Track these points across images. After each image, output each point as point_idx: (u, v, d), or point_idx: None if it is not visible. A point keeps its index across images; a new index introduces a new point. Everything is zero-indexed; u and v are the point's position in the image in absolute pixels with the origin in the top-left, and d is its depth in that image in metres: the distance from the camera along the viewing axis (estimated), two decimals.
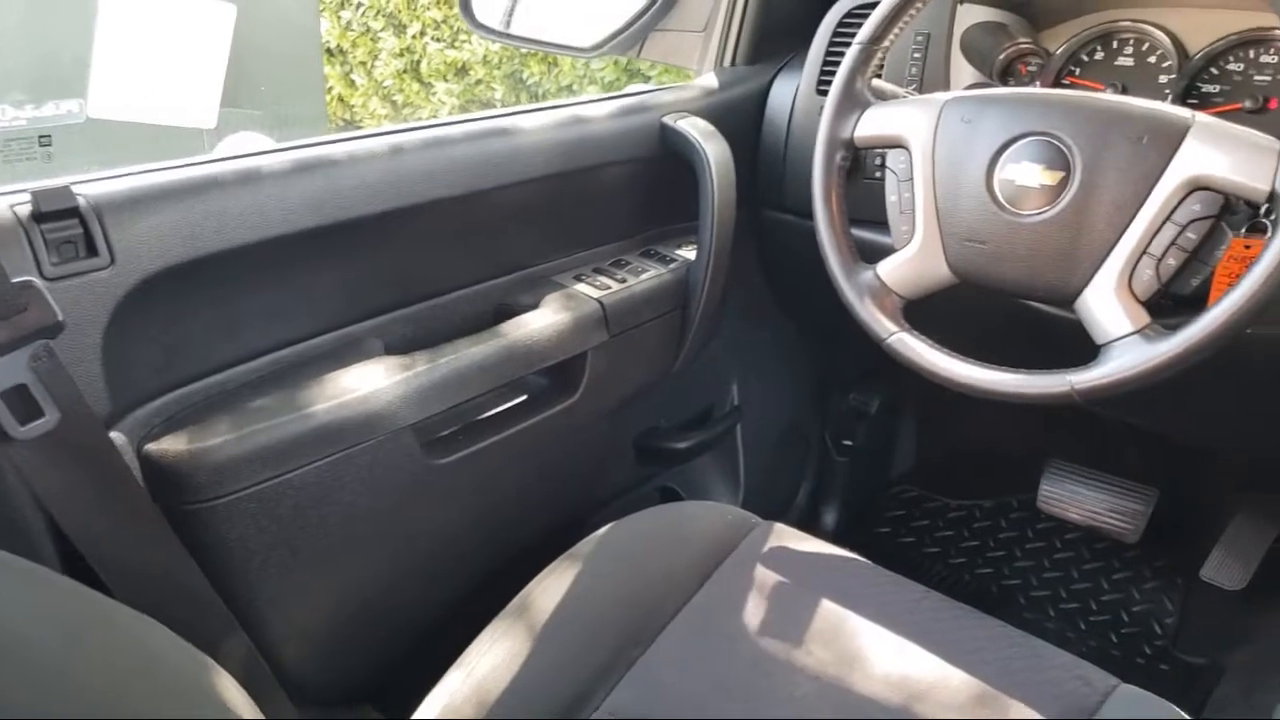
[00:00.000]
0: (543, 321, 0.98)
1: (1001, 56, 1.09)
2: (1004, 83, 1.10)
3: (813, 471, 1.57)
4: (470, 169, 0.93)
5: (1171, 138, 0.75)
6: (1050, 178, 0.80)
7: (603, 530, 0.94)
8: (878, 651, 0.82)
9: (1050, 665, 0.82)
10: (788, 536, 0.95)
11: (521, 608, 0.87)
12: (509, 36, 1.38)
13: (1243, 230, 0.79)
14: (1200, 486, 1.39)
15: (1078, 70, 1.08)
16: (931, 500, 1.62)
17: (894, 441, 1.67)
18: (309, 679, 0.89)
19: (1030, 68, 1.10)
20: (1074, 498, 1.40)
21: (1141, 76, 1.04)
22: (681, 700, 0.79)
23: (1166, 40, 1.02)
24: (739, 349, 1.37)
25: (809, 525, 1.33)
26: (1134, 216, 0.76)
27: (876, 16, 0.88)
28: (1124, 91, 1.04)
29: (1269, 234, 0.71)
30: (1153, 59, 1.03)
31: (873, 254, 0.91)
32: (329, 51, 4.60)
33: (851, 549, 0.94)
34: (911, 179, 0.87)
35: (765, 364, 1.43)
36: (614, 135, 1.08)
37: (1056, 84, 1.08)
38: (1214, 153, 0.74)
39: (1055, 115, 0.81)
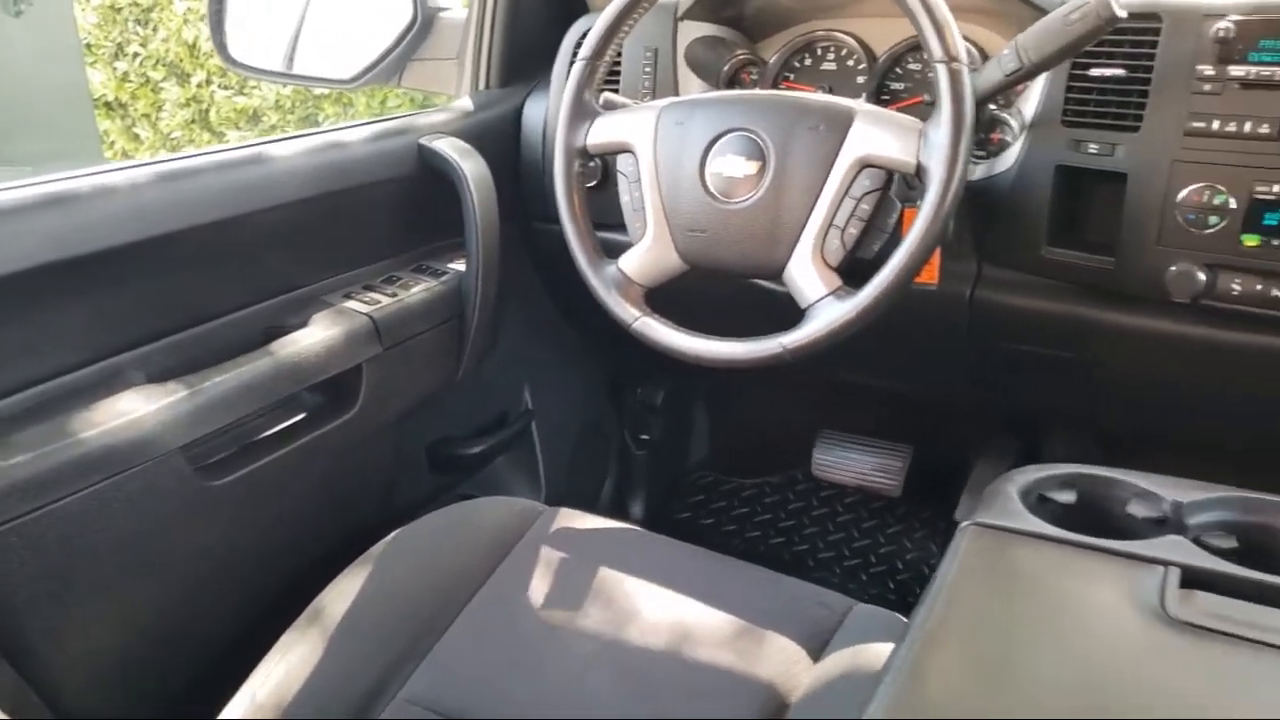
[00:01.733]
0: (312, 339, 1.02)
1: (726, 67, 1.21)
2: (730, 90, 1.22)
3: (614, 467, 1.66)
4: (221, 196, 0.96)
5: (842, 124, 0.88)
6: (750, 168, 0.91)
7: (392, 535, 0.98)
8: (649, 606, 0.90)
9: (797, 597, 0.92)
10: (572, 519, 1.02)
11: (313, 616, 0.90)
12: (267, 73, 1.41)
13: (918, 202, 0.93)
14: (946, 438, 1.56)
15: (792, 76, 1.22)
16: (727, 482, 1.74)
17: (689, 431, 1.78)
18: (95, 710, 0.89)
19: (753, 76, 1.23)
20: (842, 463, 1.54)
21: (843, 78, 1.19)
22: (474, 680, 0.84)
23: (858, 46, 1.17)
24: (529, 355, 1.44)
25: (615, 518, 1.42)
26: (819, 195, 0.88)
27: (594, 35, 0.97)
28: (830, 92, 1.18)
29: (920, 201, 0.83)
30: (850, 62, 1.18)
31: (621, 252, 1.00)
32: (106, 105, 4.40)
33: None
34: (639, 179, 0.97)
35: (556, 367, 1.51)
36: (371, 157, 1.13)
37: (774, 89, 1.21)
38: (874, 135, 0.86)
39: (750, 112, 0.92)
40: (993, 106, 1.07)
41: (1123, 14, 0.83)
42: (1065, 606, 0.61)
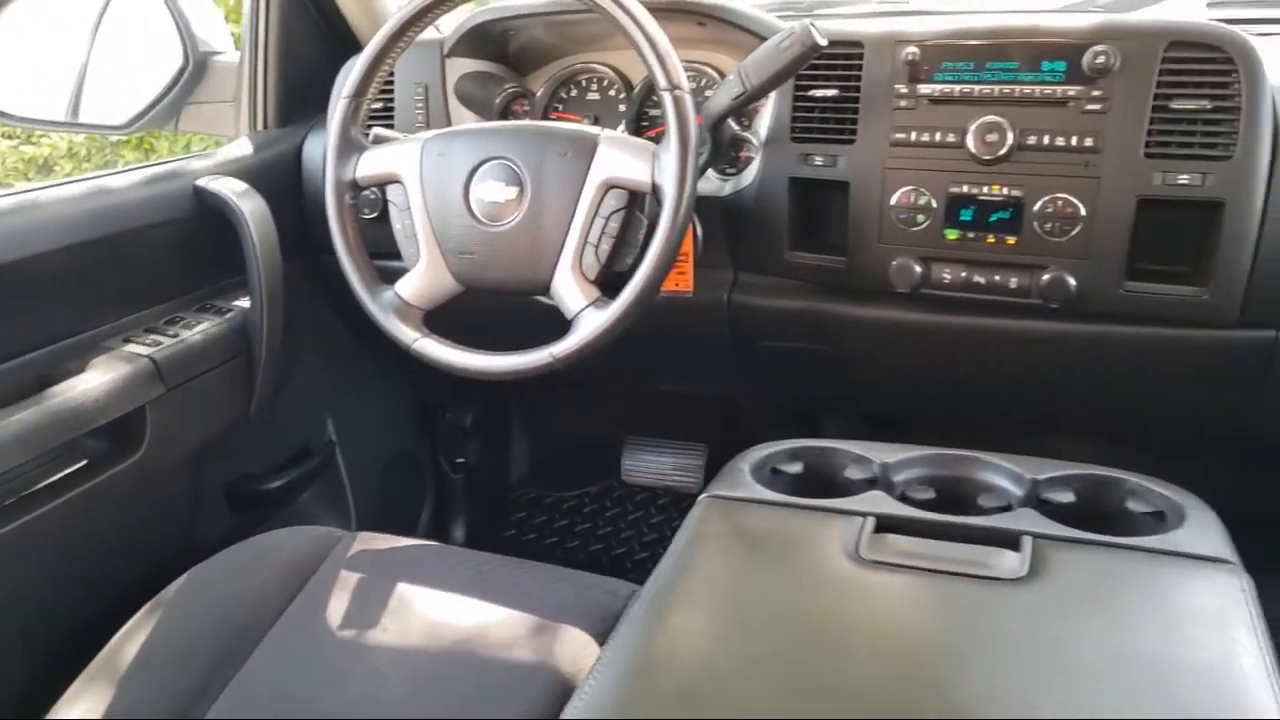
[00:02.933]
0: (89, 383, 1.01)
1: (497, 100, 1.28)
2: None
3: (431, 493, 1.69)
4: None
5: (587, 150, 0.96)
6: (510, 193, 0.98)
7: (186, 575, 0.99)
8: (445, 614, 0.94)
9: (586, 588, 0.99)
10: (371, 541, 1.05)
11: (107, 661, 0.89)
12: (41, 122, 1.38)
13: None
14: (736, 434, 1.67)
15: (561, 106, 1.30)
16: (548, 496, 1.79)
17: (507, 450, 1.83)
18: None
19: (525, 108, 1.30)
20: (647, 466, 1.63)
21: (607, 107, 1.27)
22: (274, 700, 0.86)
23: (616, 77, 1.26)
24: (329, 386, 1.45)
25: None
26: (573, 215, 0.96)
27: (354, 75, 1.02)
28: (596, 121, 1.27)
29: (660, 218, 0.92)
30: (611, 92, 1.27)
31: (399, 278, 1.05)
32: None
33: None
34: (409, 208, 1.02)
35: (359, 397, 1.53)
36: (147, 201, 1.13)
37: (545, 119, 1.29)
38: (615, 158, 0.95)
39: (506, 142, 0.99)
40: (736, 126, 1.18)
41: (823, 41, 0.95)
42: (780, 557, 0.70)
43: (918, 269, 1.05)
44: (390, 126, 1.20)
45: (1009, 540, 0.70)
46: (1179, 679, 0.56)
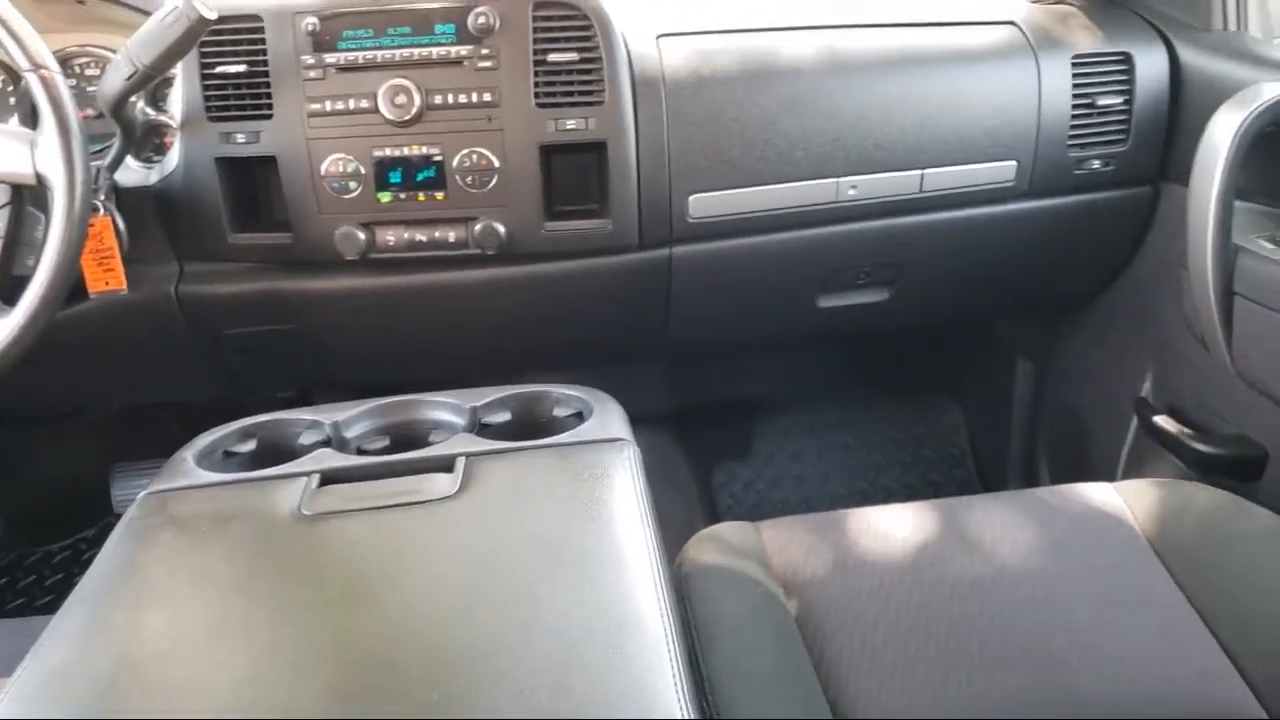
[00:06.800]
0: None
1: None
2: None
3: None
4: None
5: None
6: None
7: None
8: None
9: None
10: None
11: None
12: None
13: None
14: None
15: None
16: (33, 553, 1.57)
17: None
18: None
19: None
20: (133, 490, 1.49)
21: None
22: None
23: None
24: None
25: None
26: None
27: None
28: None
29: (52, 211, 0.84)
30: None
31: None
32: None
33: None
34: None
35: None
36: None
37: None
38: None
39: None
40: (152, 111, 1.11)
41: (211, 15, 0.92)
42: (223, 533, 0.69)
43: (361, 235, 1.07)
44: None
45: (445, 465, 0.75)
46: (575, 548, 0.65)
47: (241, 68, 1.04)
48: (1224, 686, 0.76)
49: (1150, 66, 1.20)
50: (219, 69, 1.04)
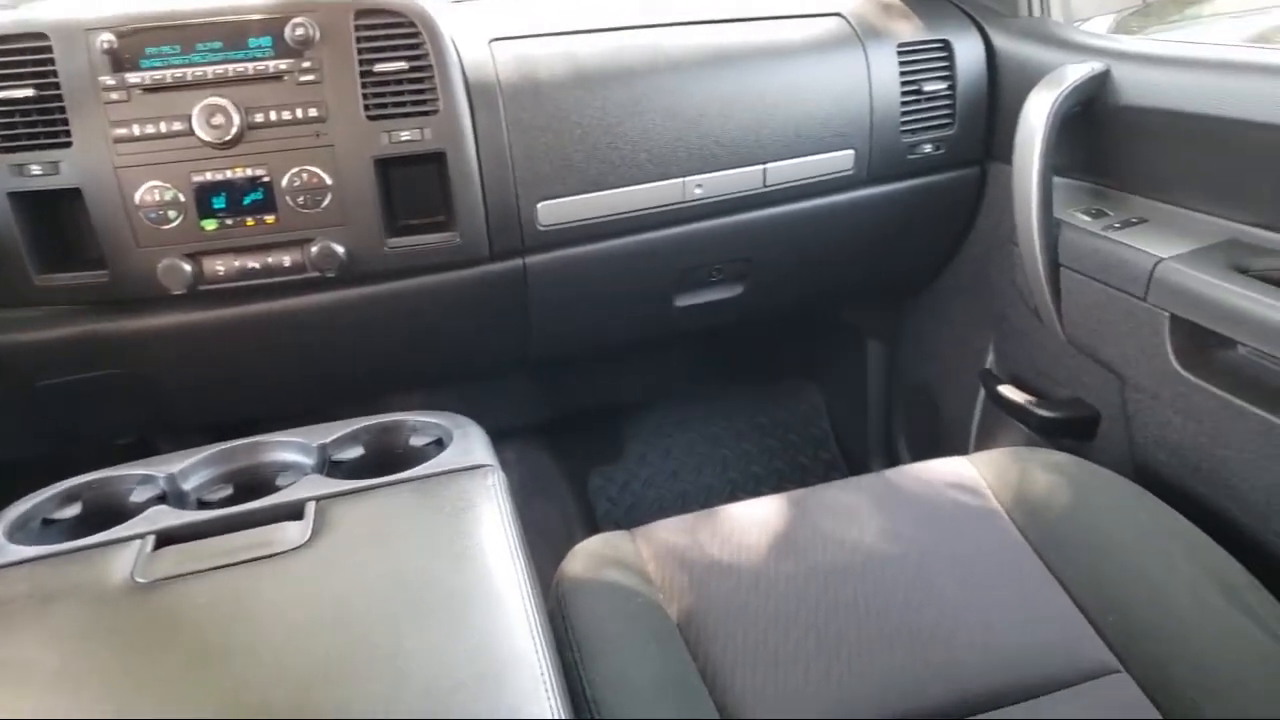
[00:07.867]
0: None
1: None
2: None
3: None
4: None
5: None
6: None
7: None
8: None
9: None
10: None
11: None
12: None
13: None
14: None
15: None
16: None
17: None
18: None
19: None
20: None
21: None
22: None
23: None
24: None
25: None
26: None
27: None
28: None
29: None
30: None
31: None
32: None
33: None
34: None
35: None
36: None
37: None
38: None
39: None
40: None
41: None
42: (43, 617, 0.62)
43: (187, 267, 0.99)
44: None
45: (294, 511, 0.70)
46: (441, 590, 0.62)
47: (29, 91, 0.94)
48: (1081, 642, 0.79)
49: (968, 52, 1.25)
50: (2, 94, 0.94)
